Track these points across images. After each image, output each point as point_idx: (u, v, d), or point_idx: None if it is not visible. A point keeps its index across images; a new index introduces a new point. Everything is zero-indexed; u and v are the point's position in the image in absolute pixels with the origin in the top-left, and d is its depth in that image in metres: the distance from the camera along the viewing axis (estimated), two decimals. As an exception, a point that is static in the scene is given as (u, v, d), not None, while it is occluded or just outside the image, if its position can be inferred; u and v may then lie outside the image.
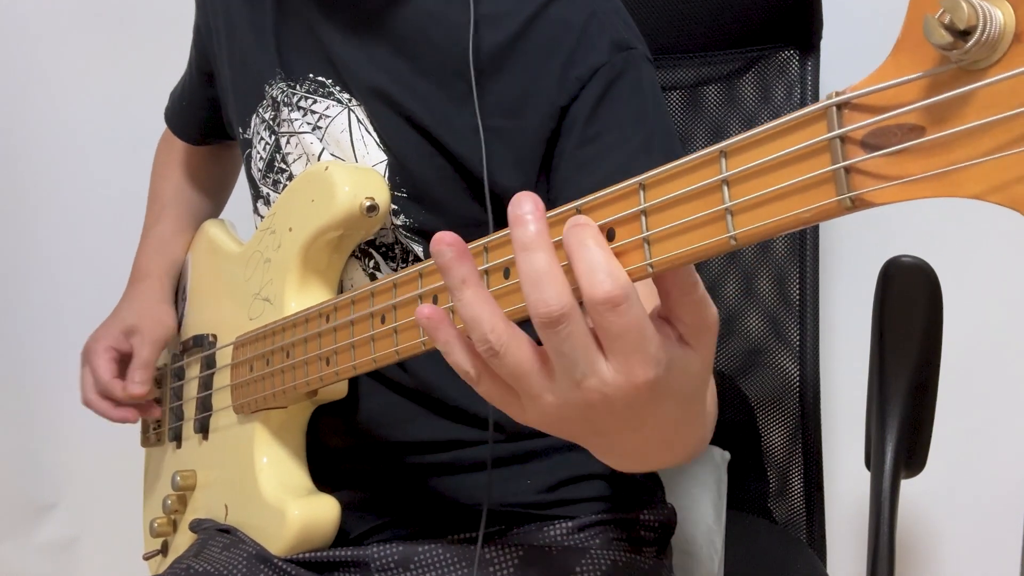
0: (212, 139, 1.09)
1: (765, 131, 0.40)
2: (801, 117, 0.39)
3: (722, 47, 1.14)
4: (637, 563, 0.82)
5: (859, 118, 0.37)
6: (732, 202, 0.41)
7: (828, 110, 0.38)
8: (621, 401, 0.45)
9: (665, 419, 0.49)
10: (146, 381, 0.95)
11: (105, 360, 0.96)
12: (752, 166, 0.40)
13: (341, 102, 0.82)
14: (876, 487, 0.81)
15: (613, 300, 0.43)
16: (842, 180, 0.37)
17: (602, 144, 0.73)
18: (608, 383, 0.45)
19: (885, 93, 0.37)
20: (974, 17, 0.33)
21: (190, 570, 0.78)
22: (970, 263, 1.19)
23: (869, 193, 0.37)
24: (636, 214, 0.45)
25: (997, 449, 1.24)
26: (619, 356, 0.44)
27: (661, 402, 0.47)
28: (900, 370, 0.82)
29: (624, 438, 0.50)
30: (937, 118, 0.35)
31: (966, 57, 0.33)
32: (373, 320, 0.63)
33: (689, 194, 0.43)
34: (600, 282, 0.43)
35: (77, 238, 1.60)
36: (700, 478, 1.09)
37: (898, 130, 0.36)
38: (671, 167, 0.44)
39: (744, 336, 1.15)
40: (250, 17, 0.89)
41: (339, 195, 0.76)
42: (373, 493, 0.84)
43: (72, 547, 1.67)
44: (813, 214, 0.39)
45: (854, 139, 0.37)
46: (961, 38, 0.33)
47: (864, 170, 0.37)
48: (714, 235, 0.42)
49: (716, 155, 0.42)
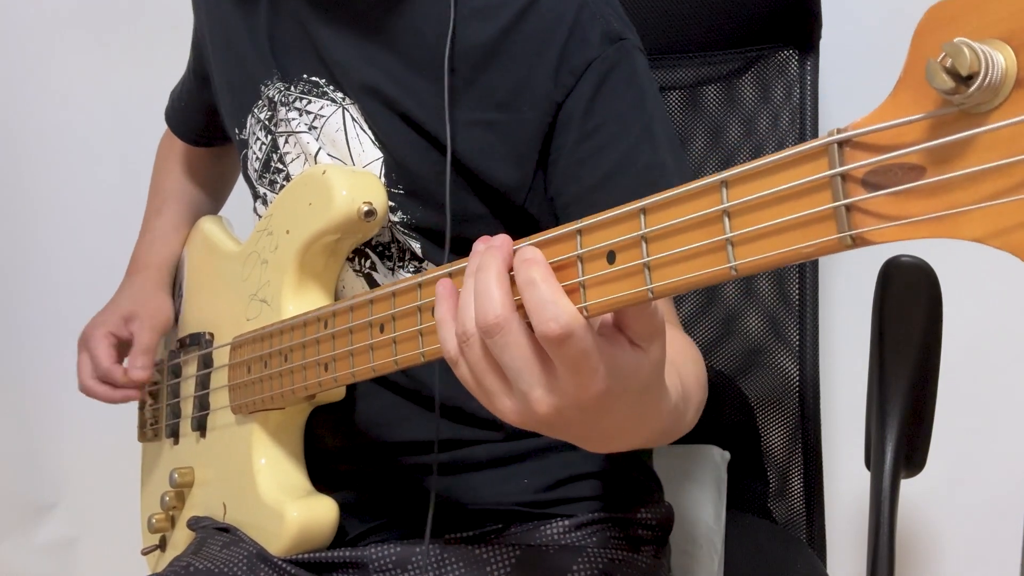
0: (211, 142, 1.09)
1: (766, 164, 0.41)
2: (802, 152, 0.39)
3: (721, 47, 1.13)
4: (634, 562, 0.82)
5: (861, 156, 0.37)
6: (733, 233, 0.42)
7: (830, 147, 0.38)
8: (572, 408, 0.48)
9: (621, 414, 0.51)
10: (148, 366, 0.95)
11: (105, 346, 0.96)
12: (753, 198, 0.41)
13: (335, 101, 0.82)
14: (876, 487, 0.81)
15: (559, 338, 0.45)
16: (843, 218, 0.38)
17: (603, 136, 0.73)
18: (556, 394, 0.48)
19: (886, 132, 0.37)
20: (976, 63, 0.33)
21: (190, 568, 0.78)
22: (970, 263, 1.19)
23: (870, 232, 0.37)
24: (637, 239, 0.46)
25: (997, 449, 1.24)
26: (568, 376, 0.47)
27: (614, 402, 0.49)
28: (900, 370, 0.82)
29: (582, 432, 0.53)
30: (938, 159, 0.35)
31: (968, 101, 0.34)
32: (372, 329, 0.63)
33: (690, 222, 0.44)
34: (547, 320, 0.46)
35: (77, 238, 1.60)
36: (700, 478, 1.09)
37: (899, 170, 0.36)
38: (672, 194, 0.45)
39: (744, 336, 1.15)
40: (244, 19, 0.89)
41: (337, 199, 0.76)
42: (371, 494, 0.84)
43: (72, 547, 1.67)
44: (814, 249, 0.39)
45: (855, 177, 0.38)
46: (963, 83, 0.33)
47: (865, 209, 0.37)
48: (715, 264, 0.43)
49: (717, 185, 0.42)
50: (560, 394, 0.48)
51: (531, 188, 0.77)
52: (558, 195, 0.76)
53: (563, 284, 0.47)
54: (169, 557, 0.92)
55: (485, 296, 0.48)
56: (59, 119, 1.58)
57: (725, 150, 1.16)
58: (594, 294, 0.47)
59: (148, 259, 1.04)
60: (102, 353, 0.95)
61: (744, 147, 1.15)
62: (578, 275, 0.48)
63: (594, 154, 0.73)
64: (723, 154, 1.16)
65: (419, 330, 0.59)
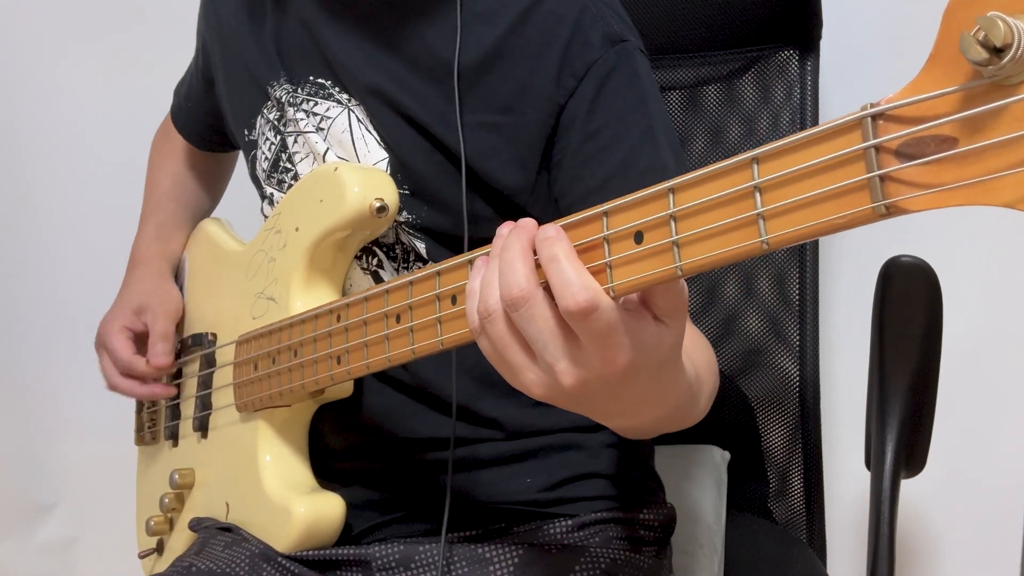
0: (216, 147, 1.09)
1: (798, 140, 0.42)
2: (836, 127, 0.41)
3: (722, 47, 1.14)
4: (636, 562, 0.82)
5: (894, 129, 0.39)
6: (764, 207, 0.43)
7: (863, 120, 0.39)
8: (597, 381, 0.49)
9: (642, 387, 0.52)
10: (168, 352, 0.95)
11: (122, 340, 0.96)
12: (785, 173, 0.42)
13: (341, 103, 0.82)
14: (876, 487, 0.81)
15: (583, 313, 0.47)
16: (877, 188, 0.39)
17: (605, 137, 0.74)
18: (581, 367, 0.49)
19: (919, 105, 0.38)
20: (1010, 35, 0.34)
21: (192, 568, 0.78)
22: (970, 263, 1.19)
23: (904, 200, 0.39)
24: (665, 218, 0.46)
25: (997, 449, 1.24)
26: (594, 349, 0.48)
27: (636, 375, 0.50)
28: (900, 370, 0.82)
29: (604, 406, 0.54)
30: (970, 130, 0.37)
31: (1000, 73, 0.35)
32: (388, 319, 0.64)
33: (720, 199, 0.44)
34: (570, 296, 0.47)
35: (77, 238, 1.60)
36: (700, 478, 1.09)
37: (932, 141, 0.38)
38: (701, 172, 0.45)
39: (744, 336, 1.15)
40: (250, 23, 0.89)
41: (349, 196, 0.76)
42: (375, 491, 0.84)
43: (72, 547, 1.67)
44: (847, 220, 0.40)
45: (888, 149, 0.39)
46: (996, 55, 0.35)
47: (899, 179, 0.39)
48: (746, 239, 0.44)
49: (748, 162, 0.43)
50: (585, 367, 0.49)
51: (534, 191, 0.77)
52: (561, 197, 0.76)
53: (589, 266, 0.49)
54: (167, 561, 0.92)
55: (509, 270, 0.49)
56: (59, 119, 1.58)
57: (725, 150, 1.16)
58: (621, 274, 0.48)
59: (148, 252, 1.03)
60: (121, 347, 0.95)
61: (744, 147, 1.15)
62: (604, 256, 0.49)
63: (596, 155, 0.74)
64: (723, 154, 1.16)
65: (438, 318, 0.59)
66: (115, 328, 0.96)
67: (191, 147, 1.11)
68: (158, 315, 0.96)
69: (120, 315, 0.97)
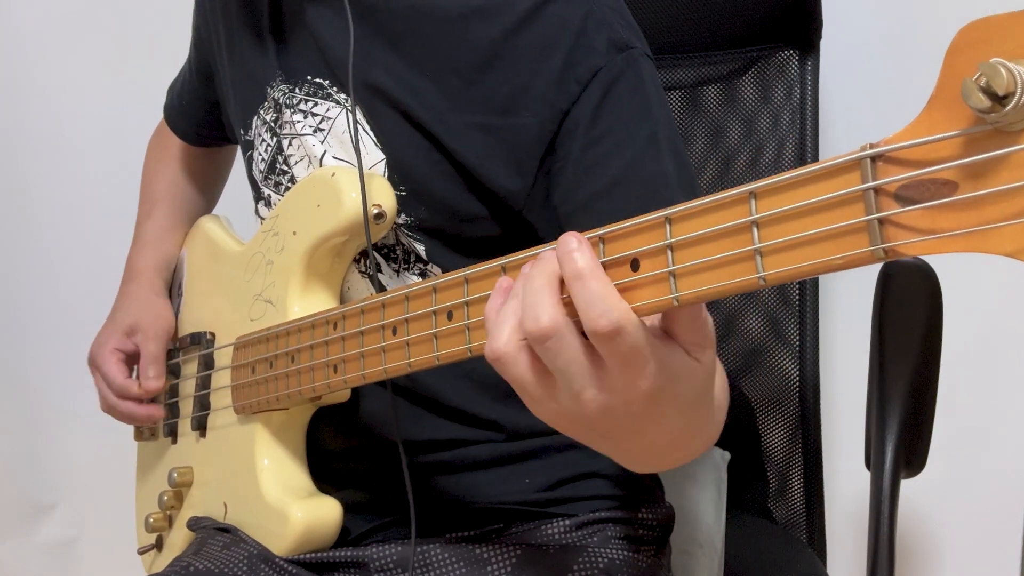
0: (211, 141, 1.09)
1: (796, 176, 0.41)
2: (834, 165, 0.40)
3: (722, 47, 1.14)
4: (635, 561, 0.82)
5: (894, 171, 0.38)
6: (762, 243, 0.42)
7: (862, 161, 0.39)
8: (621, 406, 0.47)
9: (670, 424, 0.50)
10: (159, 375, 0.95)
11: (114, 362, 0.96)
12: (783, 210, 0.41)
13: (339, 103, 0.82)
14: (876, 487, 0.81)
15: (610, 334, 0.45)
16: (876, 231, 0.38)
17: (608, 144, 0.73)
18: (607, 392, 0.47)
19: (919, 148, 0.38)
20: (1012, 83, 0.33)
21: (190, 568, 0.78)
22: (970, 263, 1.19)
23: (902, 246, 0.38)
24: (662, 248, 0.46)
25: (997, 449, 1.24)
26: (619, 370, 0.46)
27: (664, 408, 0.48)
28: (900, 370, 0.82)
29: (629, 441, 0.52)
30: (971, 176, 0.36)
31: (1002, 119, 0.34)
32: (384, 332, 0.63)
33: (718, 232, 0.44)
34: (597, 316, 0.45)
35: (77, 238, 1.60)
36: (700, 478, 1.09)
37: (932, 185, 0.37)
38: (699, 204, 0.45)
39: (744, 336, 1.15)
40: (248, 20, 0.89)
41: (346, 201, 0.76)
42: (372, 493, 0.84)
43: (72, 547, 1.67)
44: (845, 261, 0.40)
45: (888, 191, 0.38)
46: (999, 102, 0.34)
47: (898, 222, 0.38)
48: (743, 274, 0.43)
49: (746, 195, 0.43)
50: (610, 391, 0.47)
51: (530, 195, 0.76)
52: (562, 203, 0.74)
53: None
54: (166, 557, 0.92)
55: (535, 301, 0.47)
56: (59, 119, 1.58)
57: (725, 150, 1.16)
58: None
59: (141, 266, 1.03)
60: (113, 370, 0.96)
61: (744, 147, 1.15)
62: None
63: (599, 162, 0.73)
64: (723, 154, 1.16)
65: (434, 333, 0.58)
66: (107, 350, 0.97)
67: (185, 149, 1.10)
68: (148, 336, 0.96)
69: (111, 337, 0.98)
